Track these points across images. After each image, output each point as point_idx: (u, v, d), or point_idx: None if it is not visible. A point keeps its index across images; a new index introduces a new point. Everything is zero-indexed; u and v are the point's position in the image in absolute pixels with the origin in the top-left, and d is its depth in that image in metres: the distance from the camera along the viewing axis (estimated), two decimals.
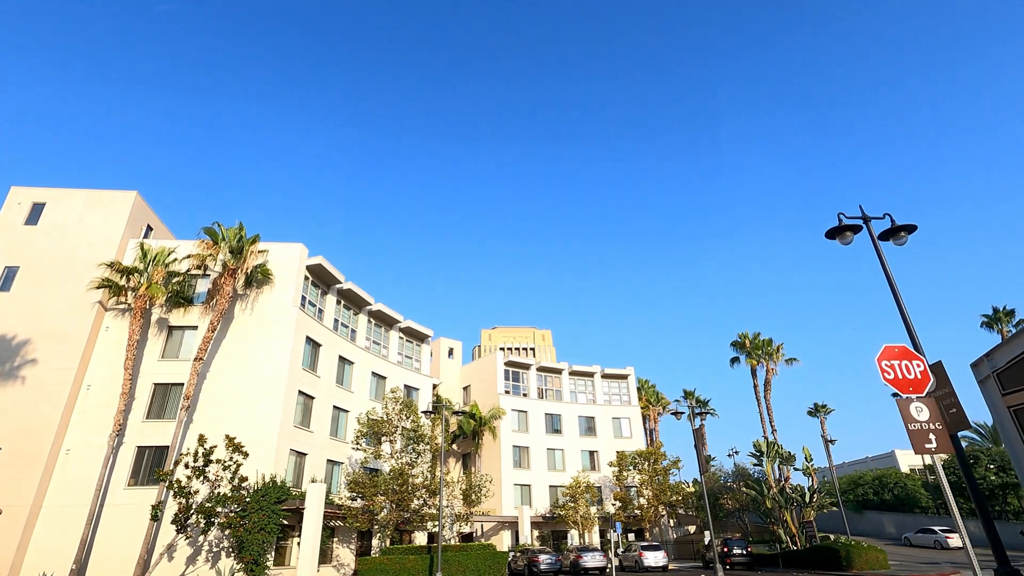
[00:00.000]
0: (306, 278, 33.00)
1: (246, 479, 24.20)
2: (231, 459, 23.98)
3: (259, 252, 30.38)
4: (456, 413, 25.14)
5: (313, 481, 28.18)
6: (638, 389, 57.44)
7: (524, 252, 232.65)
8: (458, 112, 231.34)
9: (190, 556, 24.81)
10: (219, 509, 23.32)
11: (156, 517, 22.12)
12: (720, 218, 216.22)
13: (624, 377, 56.11)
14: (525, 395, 51.45)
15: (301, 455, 29.87)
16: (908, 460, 74.54)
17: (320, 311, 34.12)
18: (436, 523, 30.68)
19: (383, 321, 40.32)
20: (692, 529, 51.06)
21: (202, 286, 31.04)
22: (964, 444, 55.79)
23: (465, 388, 53.98)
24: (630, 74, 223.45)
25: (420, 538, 36.10)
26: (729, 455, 46.63)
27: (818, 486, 33.39)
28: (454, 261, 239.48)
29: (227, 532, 23.76)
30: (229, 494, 23.50)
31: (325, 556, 29.83)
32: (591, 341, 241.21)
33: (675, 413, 26.04)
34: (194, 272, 30.28)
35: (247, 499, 25.13)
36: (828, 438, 36.27)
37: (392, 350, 40.62)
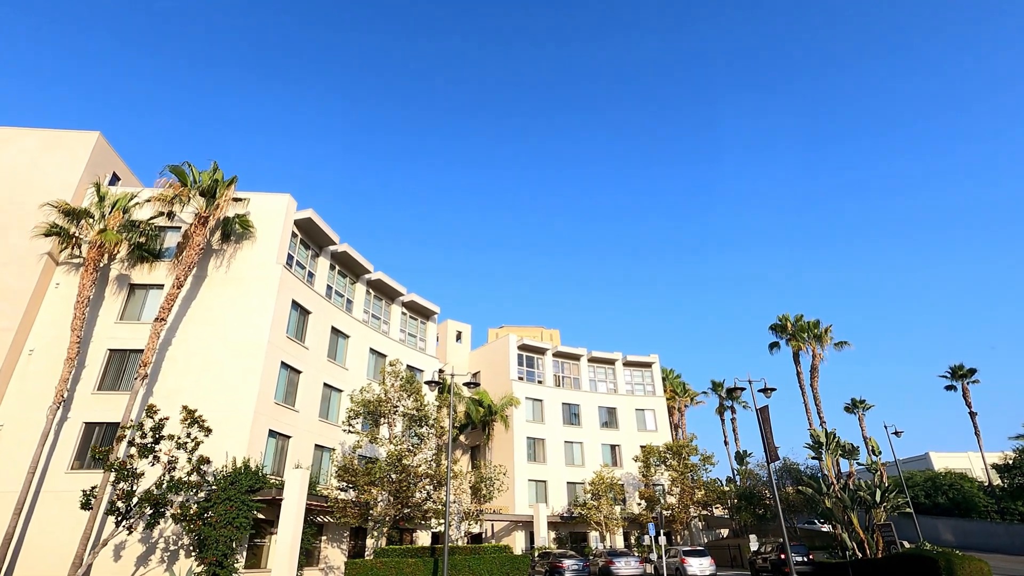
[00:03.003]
0: (294, 235, 28.57)
1: (208, 461, 19.73)
2: (188, 436, 19.47)
3: (237, 200, 25.98)
4: (467, 384, 20.54)
5: (297, 467, 23.73)
6: (662, 379, 52.66)
7: (530, 250, 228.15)
8: (447, 109, 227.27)
9: (141, 555, 20.34)
10: (171, 497, 18.84)
11: (89, 505, 17.67)
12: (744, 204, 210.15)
13: (648, 365, 51.37)
14: (540, 382, 46.84)
15: (283, 438, 25.38)
16: (943, 462, 69.18)
17: (311, 275, 29.66)
18: (441, 520, 26.15)
19: (383, 293, 35.83)
20: (725, 533, 46.14)
21: (172, 240, 26.67)
22: (1021, 445, 50.51)
23: (474, 375, 49.39)
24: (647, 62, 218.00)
25: (423, 538, 31.54)
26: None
27: (889, 484, 28.52)
28: (458, 261, 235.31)
29: (183, 525, 19.27)
30: (185, 479, 19.00)
31: (311, 557, 25.35)
32: (605, 337, 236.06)
33: (734, 390, 21.31)
34: (161, 223, 25.88)
35: (212, 486, 20.68)
36: (894, 429, 31.49)
37: (394, 326, 36.12)
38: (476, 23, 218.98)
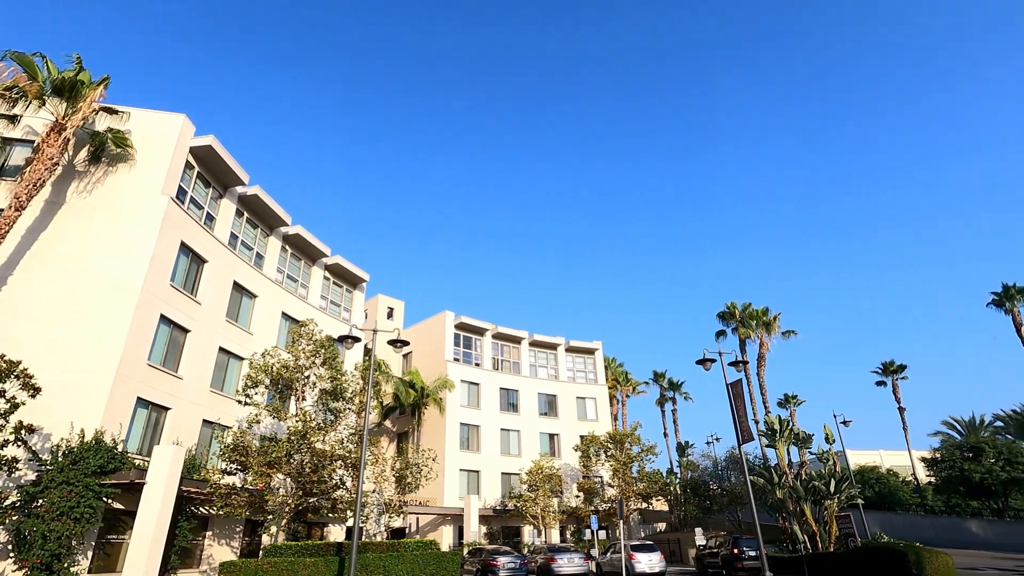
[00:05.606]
0: (189, 166, 23.45)
1: (32, 429, 14.83)
2: (2, 394, 14.47)
3: (112, 112, 20.79)
4: (393, 343, 16.55)
5: (177, 443, 18.96)
6: (605, 368, 50.43)
7: (472, 242, 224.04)
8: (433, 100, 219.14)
9: None
10: None
11: None
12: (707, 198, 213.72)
13: (591, 352, 48.95)
14: (478, 365, 43.26)
15: (159, 409, 20.43)
16: (855, 459, 71.75)
17: (210, 217, 24.62)
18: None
19: (303, 252, 31.04)
20: (662, 527, 44.44)
21: (20, 157, 21.02)
22: (939, 441, 52.06)
23: (406, 355, 45.19)
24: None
25: (337, 533, 27.23)
26: (708, 442, 40.37)
27: (842, 473, 27.16)
28: (392, 248, 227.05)
29: None
30: None
31: (191, 556, 20.66)
32: (545, 329, 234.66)
33: (704, 361, 18.59)
34: (2, 133, 20.20)
35: (44, 466, 15.77)
36: (842, 419, 30.40)
37: (313, 290, 31.40)
38: (453, 7, 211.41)
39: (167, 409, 20.69)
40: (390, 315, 47.10)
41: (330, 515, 22.66)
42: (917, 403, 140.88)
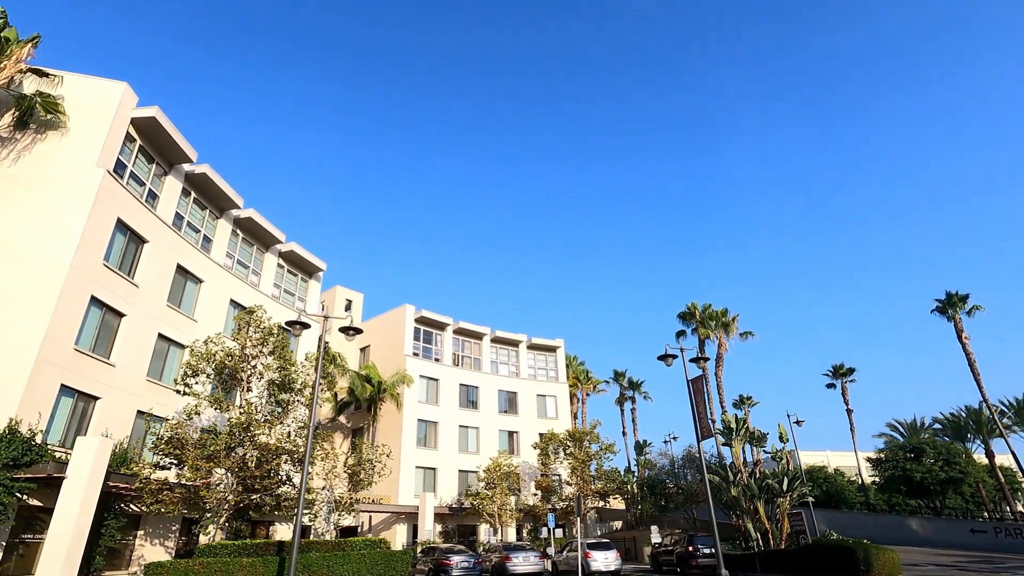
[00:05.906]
0: (131, 139, 21.83)
1: None
2: None
3: (42, 75, 19.15)
4: (345, 331, 15.64)
5: (106, 435, 17.55)
6: (566, 366, 50.28)
7: (433, 238, 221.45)
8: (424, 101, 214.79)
9: None
10: None
11: None
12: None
13: (552, 350, 48.70)
14: (438, 360, 42.38)
15: (87, 398, 18.89)
16: (835, 461, 74.45)
17: (152, 195, 23.03)
18: (305, 510, 20.93)
19: (255, 237, 29.56)
20: (617, 525, 44.52)
21: None
22: (883, 443, 54.12)
23: (363, 349, 43.90)
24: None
25: (283, 532, 25.96)
26: (666, 441, 40.68)
27: (794, 471, 27.63)
28: (350, 244, 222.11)
29: None
30: None
31: (119, 557, 19.31)
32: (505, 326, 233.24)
33: (666, 357, 18.39)
34: None
35: None
36: (795, 419, 31.09)
37: (266, 278, 29.96)
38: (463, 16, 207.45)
39: (96, 398, 19.15)
40: (348, 307, 45.68)
41: (275, 513, 21.47)
42: (864, 405, 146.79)
